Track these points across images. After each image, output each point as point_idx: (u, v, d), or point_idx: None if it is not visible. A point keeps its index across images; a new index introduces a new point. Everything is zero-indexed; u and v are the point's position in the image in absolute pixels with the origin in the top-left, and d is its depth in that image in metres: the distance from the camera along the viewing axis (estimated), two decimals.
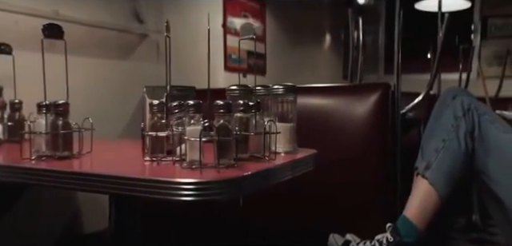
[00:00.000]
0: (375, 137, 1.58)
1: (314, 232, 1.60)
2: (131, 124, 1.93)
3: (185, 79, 1.27)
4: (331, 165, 1.56)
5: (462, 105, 1.32)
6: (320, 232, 1.55)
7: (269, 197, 1.48)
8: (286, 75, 3.46)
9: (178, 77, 1.34)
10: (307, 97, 1.71)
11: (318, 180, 1.54)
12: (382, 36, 4.87)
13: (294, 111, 1.10)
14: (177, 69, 2.01)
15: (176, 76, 1.47)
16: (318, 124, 1.64)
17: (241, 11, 2.75)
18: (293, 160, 1.00)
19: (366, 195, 1.57)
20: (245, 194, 0.78)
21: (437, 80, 3.11)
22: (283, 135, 1.07)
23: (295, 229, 1.65)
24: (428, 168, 1.31)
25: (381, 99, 1.58)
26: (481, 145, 1.29)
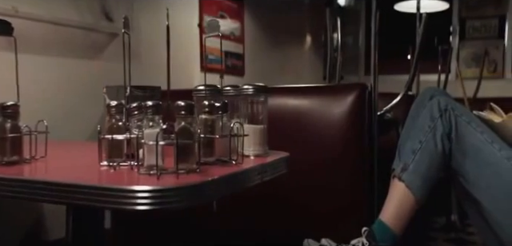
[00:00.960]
0: (352, 139, 1.54)
1: (289, 236, 1.56)
2: None
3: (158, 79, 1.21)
4: (307, 168, 1.52)
5: (438, 106, 1.29)
6: (296, 236, 1.51)
7: (244, 201, 1.43)
8: (266, 76, 3.41)
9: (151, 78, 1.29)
10: (282, 97, 1.67)
11: (294, 182, 1.50)
12: (362, 37, 4.87)
13: (264, 112, 1.05)
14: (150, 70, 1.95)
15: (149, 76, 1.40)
16: (293, 126, 1.59)
17: (217, 11, 2.70)
18: (262, 163, 0.95)
19: (342, 198, 1.53)
20: (206, 201, 0.72)
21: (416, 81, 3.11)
22: (253, 137, 1.02)
23: (270, 233, 1.60)
24: (404, 170, 1.27)
25: (357, 100, 1.54)
26: (458, 146, 1.26)
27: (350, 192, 1.53)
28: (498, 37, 3.98)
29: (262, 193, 1.12)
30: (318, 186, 1.53)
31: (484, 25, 4.02)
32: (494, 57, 3.97)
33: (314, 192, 1.54)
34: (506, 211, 1.21)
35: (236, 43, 2.96)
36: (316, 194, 1.54)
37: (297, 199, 1.55)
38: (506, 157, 1.21)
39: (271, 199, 1.50)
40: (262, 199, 1.46)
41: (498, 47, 3.97)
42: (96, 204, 0.65)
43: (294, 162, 1.53)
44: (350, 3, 4.81)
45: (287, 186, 1.48)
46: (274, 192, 1.43)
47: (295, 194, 1.53)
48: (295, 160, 1.53)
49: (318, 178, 1.54)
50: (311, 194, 1.54)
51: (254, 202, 1.47)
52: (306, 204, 1.55)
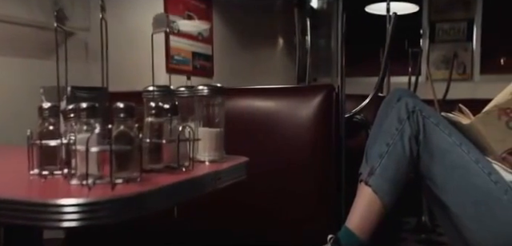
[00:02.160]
0: (318, 141, 1.49)
1: (254, 240, 1.50)
2: None
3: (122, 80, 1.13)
4: (272, 171, 1.47)
5: (406, 108, 1.24)
6: (260, 241, 1.45)
7: (207, 207, 1.37)
8: (236, 77, 3.34)
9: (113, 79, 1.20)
10: (248, 99, 1.60)
11: (258, 186, 1.45)
12: (334, 39, 4.85)
13: (221, 115, 0.97)
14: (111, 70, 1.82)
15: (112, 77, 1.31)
16: (258, 128, 1.53)
17: (184, 11, 2.61)
18: (216, 170, 0.87)
19: (308, 202, 1.48)
20: (146, 214, 0.64)
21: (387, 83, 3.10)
22: (208, 142, 0.95)
23: (235, 240, 1.53)
24: (371, 175, 1.22)
25: (324, 101, 1.49)
26: (425, 149, 1.22)
27: (317, 196, 1.48)
28: (466, 39, 4.02)
29: (226, 197, 1.07)
30: (283, 190, 1.48)
31: (453, 28, 4.07)
32: (462, 59, 4.02)
33: (279, 197, 1.48)
34: (474, 215, 1.17)
35: (204, 44, 2.88)
36: (281, 198, 1.48)
37: (261, 203, 1.49)
38: (474, 160, 1.17)
39: (236, 203, 1.43)
40: (227, 203, 1.39)
41: (467, 49, 4.02)
42: (9, 221, 0.56)
43: (260, 165, 1.48)
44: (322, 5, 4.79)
45: (251, 190, 1.43)
46: (239, 196, 1.36)
47: (259, 198, 1.48)
48: (260, 164, 1.48)
49: (283, 182, 1.48)
50: (276, 198, 1.48)
51: (218, 206, 1.41)
52: (270, 209, 1.49)
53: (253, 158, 1.52)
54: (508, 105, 1.13)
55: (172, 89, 0.99)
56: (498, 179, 1.15)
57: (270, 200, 1.50)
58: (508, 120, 1.14)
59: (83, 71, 1.85)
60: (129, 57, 2.13)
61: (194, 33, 2.74)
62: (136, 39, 2.19)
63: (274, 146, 1.51)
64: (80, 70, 1.81)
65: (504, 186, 1.14)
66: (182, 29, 2.59)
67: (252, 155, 1.52)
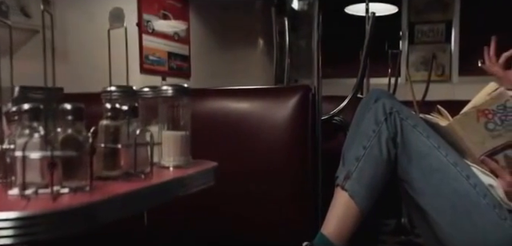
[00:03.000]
0: (294, 144, 1.44)
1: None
2: None
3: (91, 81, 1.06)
4: (247, 175, 1.42)
5: (383, 109, 1.20)
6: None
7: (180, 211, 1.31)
8: (215, 78, 3.27)
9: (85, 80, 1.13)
10: (221, 100, 1.54)
11: (232, 190, 1.40)
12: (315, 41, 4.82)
13: (186, 117, 0.91)
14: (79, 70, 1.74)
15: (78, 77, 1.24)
16: (231, 130, 1.47)
17: (159, 10, 2.53)
18: (179, 177, 0.81)
19: (283, 207, 1.42)
20: (92, 226, 0.58)
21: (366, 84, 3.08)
22: (173, 146, 0.89)
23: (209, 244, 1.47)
24: (348, 179, 1.17)
25: (300, 102, 1.44)
26: (403, 152, 1.18)
27: (292, 200, 1.43)
28: (445, 41, 4.04)
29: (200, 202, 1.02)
30: (258, 194, 1.42)
31: (432, 29, 4.08)
32: (441, 60, 4.03)
33: (254, 200, 1.43)
34: (451, 220, 1.13)
35: (181, 44, 2.80)
36: (255, 202, 1.42)
37: (235, 207, 1.44)
38: (452, 163, 1.14)
39: (210, 207, 1.38)
40: (201, 207, 1.34)
41: (445, 51, 4.04)
42: None
43: (234, 168, 1.43)
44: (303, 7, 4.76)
45: (225, 194, 1.37)
46: (213, 200, 1.29)
47: (233, 203, 1.42)
48: (235, 167, 1.42)
49: (258, 185, 1.42)
50: (250, 202, 1.43)
51: (192, 210, 1.35)
52: (245, 213, 1.44)
53: (227, 161, 1.46)
54: (486, 106, 1.09)
55: (134, 89, 0.93)
56: (476, 182, 1.11)
57: (245, 204, 1.45)
58: (486, 121, 1.11)
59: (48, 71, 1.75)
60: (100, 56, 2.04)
61: (169, 32, 2.66)
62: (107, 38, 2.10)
63: (249, 149, 1.46)
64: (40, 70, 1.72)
65: (482, 190, 1.11)
66: (157, 29, 2.51)
67: (225, 158, 1.46)
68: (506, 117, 1.09)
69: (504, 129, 1.10)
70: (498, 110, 1.08)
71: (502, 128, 1.10)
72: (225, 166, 1.46)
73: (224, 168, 1.46)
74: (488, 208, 1.09)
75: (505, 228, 1.07)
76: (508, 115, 1.09)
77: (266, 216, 1.43)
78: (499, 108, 1.08)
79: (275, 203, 1.42)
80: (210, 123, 1.51)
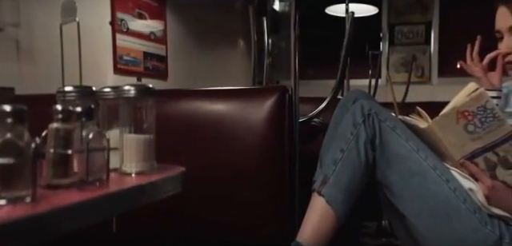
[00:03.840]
0: (271, 147, 1.39)
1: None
2: None
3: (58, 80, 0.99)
4: (221, 178, 1.37)
5: (361, 110, 1.16)
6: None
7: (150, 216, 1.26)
8: (194, 79, 3.20)
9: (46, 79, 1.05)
10: (194, 101, 1.48)
11: (206, 194, 1.35)
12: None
13: (150, 119, 0.85)
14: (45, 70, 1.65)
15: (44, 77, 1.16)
16: (205, 133, 1.42)
17: (134, 8, 2.45)
18: (139, 184, 0.75)
19: (260, 211, 1.37)
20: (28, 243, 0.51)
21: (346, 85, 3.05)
22: (135, 150, 0.82)
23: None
24: (324, 184, 1.12)
25: (277, 104, 1.39)
26: (382, 155, 1.13)
27: (269, 204, 1.38)
28: (425, 42, 4.05)
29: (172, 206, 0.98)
30: (234, 198, 1.37)
31: (411, 30, 4.09)
32: (421, 62, 4.04)
33: (229, 205, 1.37)
34: (431, 225, 1.10)
35: (157, 44, 2.73)
36: (231, 207, 1.37)
37: (210, 211, 1.38)
38: (432, 166, 1.10)
39: (184, 212, 1.34)
40: (173, 212, 1.30)
41: (425, 52, 4.05)
42: None
43: (208, 172, 1.37)
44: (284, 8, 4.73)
45: (200, 198, 1.33)
46: (187, 204, 1.28)
47: (208, 206, 1.37)
48: (209, 170, 1.37)
49: (233, 189, 1.37)
50: (226, 207, 1.38)
51: (163, 216, 1.29)
52: (220, 218, 1.39)
53: (201, 164, 1.41)
54: (466, 108, 1.06)
55: (94, 89, 0.86)
56: (456, 186, 1.08)
57: (220, 208, 1.39)
58: (466, 123, 1.07)
59: (14, 71, 1.67)
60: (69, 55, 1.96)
61: (145, 32, 2.58)
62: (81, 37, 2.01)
63: (224, 151, 1.40)
64: (9, 70, 1.63)
65: (462, 194, 1.07)
66: (132, 28, 2.43)
67: (200, 161, 1.42)
68: (485, 118, 1.05)
69: (484, 131, 1.06)
70: (478, 112, 1.05)
71: (481, 130, 1.06)
72: (199, 169, 1.41)
73: (198, 172, 1.41)
74: (468, 213, 1.05)
75: (485, 233, 1.03)
76: (488, 116, 1.05)
77: (242, 220, 1.38)
78: (479, 109, 1.05)
79: (251, 206, 1.37)
80: (184, 125, 1.46)
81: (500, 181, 1.08)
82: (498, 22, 1.20)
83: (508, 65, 1.20)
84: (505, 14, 1.17)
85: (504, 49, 1.19)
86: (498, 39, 1.22)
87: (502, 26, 1.19)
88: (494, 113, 1.04)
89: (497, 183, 1.07)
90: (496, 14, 1.21)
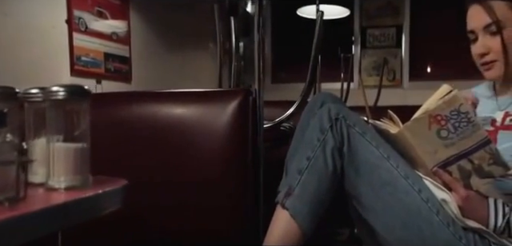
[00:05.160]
0: (233, 152, 1.30)
1: None
2: None
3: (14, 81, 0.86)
4: (179, 187, 1.27)
5: (329, 115, 1.07)
6: None
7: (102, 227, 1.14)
8: (161, 82, 3.07)
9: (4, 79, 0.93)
10: (150, 104, 1.37)
11: (164, 203, 1.27)
12: (268, 44, 4.72)
13: (84, 126, 0.73)
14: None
15: None
16: (162, 138, 1.33)
17: (93, 6, 2.31)
18: (64, 202, 0.63)
19: (221, 221, 1.28)
20: None
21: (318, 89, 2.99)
22: (64, 162, 0.71)
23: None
24: (289, 196, 1.03)
25: (240, 107, 1.30)
26: (350, 164, 1.05)
27: (231, 214, 1.29)
28: (396, 46, 4.04)
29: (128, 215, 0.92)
30: (193, 207, 1.28)
31: (383, 34, 4.07)
32: (392, 65, 4.03)
33: (188, 214, 1.28)
34: (402, 238, 1.02)
35: (120, 44, 2.59)
36: (190, 216, 1.28)
37: (169, 221, 1.29)
38: (403, 175, 1.02)
39: (141, 221, 1.26)
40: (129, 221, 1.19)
41: (397, 56, 4.03)
42: None
43: (166, 179, 1.27)
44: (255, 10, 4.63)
45: (157, 206, 1.26)
46: (143, 212, 1.22)
47: (167, 215, 1.28)
48: (167, 178, 1.27)
49: (192, 199, 1.28)
50: (185, 216, 1.29)
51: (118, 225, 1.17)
52: (179, 227, 1.30)
53: (158, 171, 1.30)
54: (438, 111, 0.98)
55: (17, 90, 0.74)
56: (429, 197, 1.00)
57: (179, 217, 1.30)
58: (439, 128, 0.99)
59: None
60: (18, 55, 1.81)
61: (106, 32, 2.44)
62: (30, 35, 1.87)
63: (182, 157, 1.30)
64: None
65: (435, 205, 0.99)
66: (91, 27, 2.29)
67: (157, 167, 1.31)
68: (459, 123, 0.98)
69: (457, 137, 0.99)
70: (451, 116, 0.98)
71: (455, 135, 0.99)
72: (156, 176, 1.30)
73: (156, 179, 1.30)
74: (441, 226, 0.98)
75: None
76: (462, 121, 0.98)
77: (203, 229, 1.28)
78: (453, 113, 0.97)
79: (212, 215, 1.27)
80: (140, 130, 1.35)
81: (474, 191, 1.01)
82: (471, 22, 1.13)
83: (484, 67, 1.13)
84: (479, 13, 1.10)
85: (480, 50, 1.12)
86: (471, 41, 1.15)
87: (476, 26, 1.11)
88: (469, 118, 0.97)
89: (471, 193, 1.00)
90: (467, 15, 1.14)
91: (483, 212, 1.00)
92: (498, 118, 1.14)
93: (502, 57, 1.08)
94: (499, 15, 1.07)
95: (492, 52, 1.09)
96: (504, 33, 1.07)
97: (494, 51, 1.09)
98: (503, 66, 1.09)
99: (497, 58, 1.09)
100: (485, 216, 1.00)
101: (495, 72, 1.11)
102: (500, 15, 1.07)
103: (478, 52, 1.11)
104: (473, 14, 1.12)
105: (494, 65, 1.10)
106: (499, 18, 1.07)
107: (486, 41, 1.10)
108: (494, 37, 1.08)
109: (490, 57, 1.10)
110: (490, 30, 1.09)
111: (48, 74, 2.04)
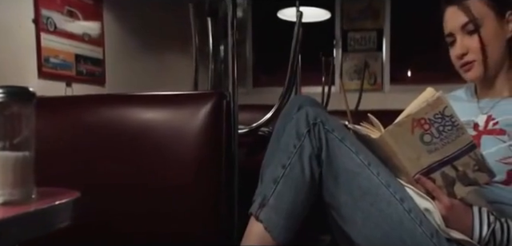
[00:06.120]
0: (206, 158, 1.22)
1: None
2: None
3: None
4: (149, 196, 1.20)
5: (306, 119, 1.00)
6: None
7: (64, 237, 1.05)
8: (137, 86, 2.96)
9: None
10: (117, 108, 1.29)
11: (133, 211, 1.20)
12: (249, 48, 4.65)
13: (27, 132, 0.65)
14: None
15: None
16: (130, 143, 1.25)
17: (63, 6, 2.20)
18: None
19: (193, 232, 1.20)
20: None
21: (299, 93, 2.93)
22: (2, 173, 0.62)
23: None
24: (263, 207, 0.96)
25: (213, 111, 1.22)
26: (329, 171, 0.98)
27: (202, 223, 1.21)
28: (377, 49, 4.02)
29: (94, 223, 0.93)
30: (164, 215, 1.20)
31: (364, 37, 4.04)
32: (373, 69, 4.00)
33: (159, 224, 1.20)
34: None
35: (93, 46, 2.48)
36: (160, 225, 1.20)
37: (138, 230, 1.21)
38: (384, 183, 0.96)
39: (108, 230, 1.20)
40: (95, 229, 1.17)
41: (377, 59, 4.01)
42: None
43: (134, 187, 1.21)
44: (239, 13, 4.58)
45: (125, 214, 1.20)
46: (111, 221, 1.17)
47: (136, 224, 1.20)
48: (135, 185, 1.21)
49: (163, 205, 1.21)
50: (155, 225, 1.21)
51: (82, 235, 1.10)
52: (148, 237, 1.21)
53: (127, 178, 1.22)
54: (422, 115, 0.92)
55: None
56: (411, 207, 0.94)
57: (150, 224, 1.22)
58: (422, 133, 0.94)
59: None
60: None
61: (77, 32, 2.34)
62: None
63: (152, 164, 1.23)
64: None
65: (418, 215, 0.93)
66: (60, 27, 2.18)
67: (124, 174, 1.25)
68: (443, 127, 0.92)
69: (441, 142, 0.93)
70: (435, 120, 0.92)
71: (439, 140, 0.93)
72: (125, 182, 1.22)
73: (125, 185, 1.22)
74: (424, 238, 0.92)
75: None
76: (446, 125, 0.92)
77: (175, 236, 1.21)
78: (437, 117, 0.92)
79: (184, 222, 1.20)
80: (107, 134, 1.27)
81: (459, 200, 0.96)
82: (448, 25, 1.10)
83: (463, 68, 1.09)
84: (455, 14, 1.07)
85: (459, 51, 1.08)
86: (450, 44, 1.11)
87: (453, 27, 1.08)
88: (453, 121, 0.92)
89: (455, 202, 0.94)
90: (444, 19, 1.11)
91: (468, 222, 0.94)
92: (481, 122, 1.09)
93: (480, 56, 1.05)
94: (475, 13, 1.04)
95: (470, 51, 1.07)
96: (481, 32, 1.05)
97: (472, 50, 1.06)
98: (482, 66, 1.06)
99: (475, 58, 1.07)
100: (469, 225, 0.94)
101: (474, 72, 1.08)
102: (476, 13, 1.04)
103: (457, 53, 1.08)
104: (449, 16, 1.09)
105: (473, 66, 1.07)
106: (476, 16, 1.04)
107: (465, 41, 1.07)
108: (471, 36, 1.06)
109: (469, 57, 1.07)
110: (467, 30, 1.06)
111: (13, 77, 1.93)
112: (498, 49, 1.06)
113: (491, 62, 1.06)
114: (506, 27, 1.06)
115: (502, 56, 1.08)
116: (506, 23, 1.06)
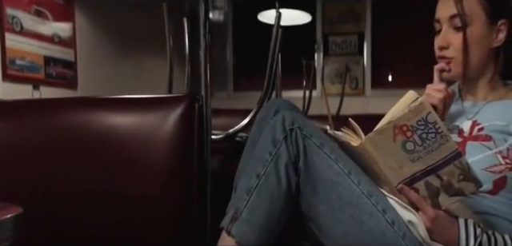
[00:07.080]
0: (176, 165, 1.15)
1: None
2: None
3: None
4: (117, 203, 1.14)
5: (283, 124, 0.94)
6: None
7: None
8: (112, 89, 2.86)
9: None
10: (83, 112, 1.21)
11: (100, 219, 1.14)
12: (229, 51, 4.58)
13: None
14: None
15: None
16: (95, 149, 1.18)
17: (31, 5, 2.09)
18: None
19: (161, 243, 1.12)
20: None
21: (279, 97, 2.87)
22: None
23: None
24: (235, 220, 0.88)
25: (184, 116, 1.15)
26: (307, 180, 0.92)
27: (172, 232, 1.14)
28: (358, 53, 3.99)
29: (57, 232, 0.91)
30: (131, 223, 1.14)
31: (345, 41, 4.01)
32: (355, 73, 3.98)
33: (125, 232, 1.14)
34: None
35: (64, 47, 2.37)
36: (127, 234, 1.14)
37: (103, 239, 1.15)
38: (366, 193, 0.90)
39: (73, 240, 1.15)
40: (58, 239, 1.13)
41: (359, 64, 3.99)
42: None
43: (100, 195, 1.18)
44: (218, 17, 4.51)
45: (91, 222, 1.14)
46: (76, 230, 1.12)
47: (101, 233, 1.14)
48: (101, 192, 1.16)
49: (130, 213, 1.15)
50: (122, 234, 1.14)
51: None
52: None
53: (92, 186, 1.14)
54: (404, 121, 0.87)
55: None
56: (394, 219, 0.88)
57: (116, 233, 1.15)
58: (404, 140, 0.88)
59: None
60: None
61: (46, 33, 2.22)
62: None
63: (119, 170, 1.16)
64: None
65: (402, 228, 0.88)
66: (27, 28, 2.07)
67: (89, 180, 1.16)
68: (427, 134, 0.87)
69: (425, 150, 0.88)
70: (418, 126, 0.86)
71: (422, 148, 0.88)
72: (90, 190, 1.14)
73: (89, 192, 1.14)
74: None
75: None
76: (430, 132, 0.87)
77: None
78: (420, 123, 0.86)
79: (152, 231, 1.13)
80: (71, 140, 1.19)
81: (443, 210, 0.90)
82: (438, 11, 1.07)
83: (441, 61, 1.05)
84: (447, 3, 1.02)
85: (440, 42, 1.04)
86: (436, 32, 1.07)
87: (442, 15, 1.04)
88: (437, 128, 0.86)
89: (440, 213, 0.89)
90: (437, 4, 1.07)
91: (453, 235, 0.89)
92: (466, 128, 1.04)
93: (460, 55, 1.01)
94: (467, 9, 1.00)
95: (452, 47, 1.03)
96: (468, 30, 1.00)
97: (453, 47, 1.02)
98: (460, 66, 1.01)
99: (454, 55, 1.02)
100: (455, 238, 0.89)
101: (452, 71, 1.03)
102: (468, 9, 1.00)
103: (439, 44, 1.04)
104: (441, 3, 1.06)
105: (451, 63, 1.03)
106: (466, 12, 0.99)
107: (449, 35, 1.03)
108: (457, 32, 1.01)
109: (449, 52, 1.03)
110: (454, 24, 1.02)
111: None
112: (479, 53, 1.02)
113: (470, 65, 1.02)
114: (494, 35, 1.01)
115: (483, 62, 1.03)
116: (496, 32, 1.01)
